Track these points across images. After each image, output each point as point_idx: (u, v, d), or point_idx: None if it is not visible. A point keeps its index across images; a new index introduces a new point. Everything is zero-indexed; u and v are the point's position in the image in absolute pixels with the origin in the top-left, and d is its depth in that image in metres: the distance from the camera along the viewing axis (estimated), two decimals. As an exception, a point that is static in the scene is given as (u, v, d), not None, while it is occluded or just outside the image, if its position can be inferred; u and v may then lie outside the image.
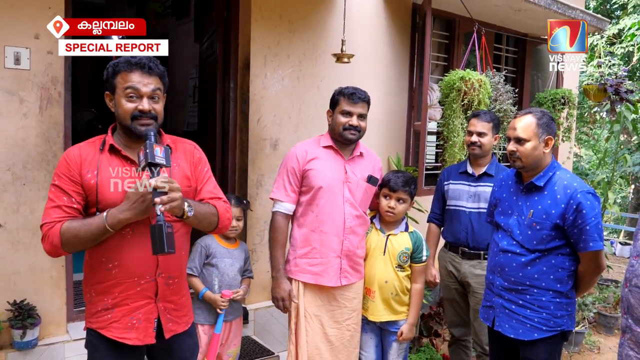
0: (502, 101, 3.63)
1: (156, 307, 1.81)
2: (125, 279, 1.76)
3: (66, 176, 1.72)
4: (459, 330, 3.12)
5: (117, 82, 1.74)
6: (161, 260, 1.78)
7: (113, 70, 1.75)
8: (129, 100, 1.72)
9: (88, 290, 1.82)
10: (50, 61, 2.69)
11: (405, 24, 4.15)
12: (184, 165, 1.87)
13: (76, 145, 1.81)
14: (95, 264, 1.77)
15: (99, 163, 1.74)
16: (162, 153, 1.61)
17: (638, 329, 1.81)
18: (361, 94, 2.47)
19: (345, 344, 2.55)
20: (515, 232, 2.26)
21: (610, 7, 11.76)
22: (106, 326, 1.78)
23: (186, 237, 1.89)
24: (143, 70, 1.73)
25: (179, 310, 1.89)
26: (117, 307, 1.77)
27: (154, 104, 1.74)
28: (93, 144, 1.80)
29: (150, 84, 1.73)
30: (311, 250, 2.48)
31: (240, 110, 3.44)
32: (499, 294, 2.31)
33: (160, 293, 1.82)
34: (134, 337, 1.78)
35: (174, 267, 1.84)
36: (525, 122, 2.24)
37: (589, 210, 2.11)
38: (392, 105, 4.15)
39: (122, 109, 1.73)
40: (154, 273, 1.79)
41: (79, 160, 1.74)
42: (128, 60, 1.73)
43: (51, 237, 1.68)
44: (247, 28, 3.34)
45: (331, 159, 2.50)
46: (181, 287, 1.91)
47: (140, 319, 1.78)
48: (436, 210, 3.12)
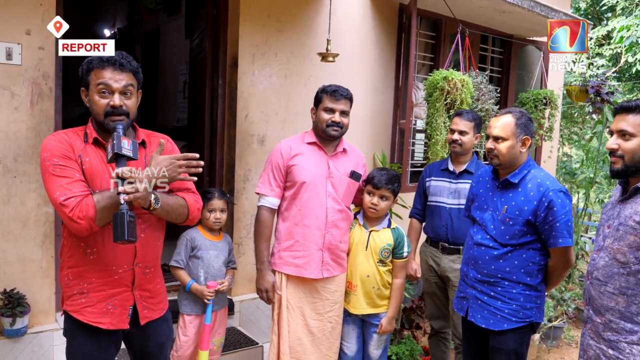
0: (484, 101, 3.72)
1: (132, 295, 1.88)
2: (103, 266, 1.81)
3: (64, 156, 1.72)
4: (438, 323, 3.22)
5: (91, 78, 1.78)
6: (139, 250, 1.85)
7: (87, 68, 1.79)
8: (101, 96, 1.76)
9: (65, 273, 1.86)
10: (41, 57, 2.74)
11: (392, 24, 4.23)
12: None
13: (58, 131, 1.84)
14: (74, 247, 1.81)
15: (89, 152, 1.78)
16: (129, 145, 1.65)
17: (597, 319, 1.92)
18: (343, 91, 2.55)
19: (326, 335, 2.63)
20: (489, 226, 2.36)
21: (600, 9, 11.89)
22: (80, 309, 1.82)
23: (161, 229, 1.95)
24: (115, 66, 1.77)
25: (153, 298, 1.97)
26: (93, 292, 1.82)
27: (125, 99, 1.78)
28: (76, 134, 1.82)
29: (122, 80, 1.77)
30: (294, 244, 2.56)
31: (229, 107, 3.51)
32: (472, 286, 2.41)
33: (137, 282, 1.88)
34: (107, 322, 1.84)
35: (151, 257, 1.91)
36: (504, 122, 2.32)
37: (560, 208, 2.20)
38: (379, 103, 4.23)
39: (95, 105, 1.77)
40: (132, 262, 1.85)
41: (69, 144, 1.76)
42: (100, 57, 1.78)
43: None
44: (236, 26, 3.41)
45: (314, 155, 2.58)
46: (156, 275, 1.98)
47: (116, 305, 1.85)
48: (418, 206, 3.21)
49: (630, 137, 1.83)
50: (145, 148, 1.92)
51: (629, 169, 1.85)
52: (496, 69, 5.15)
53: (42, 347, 2.80)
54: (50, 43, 2.76)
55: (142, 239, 1.84)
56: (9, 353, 2.71)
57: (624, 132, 1.84)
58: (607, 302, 1.87)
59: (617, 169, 1.87)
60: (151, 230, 1.89)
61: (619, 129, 1.86)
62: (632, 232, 1.80)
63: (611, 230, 1.90)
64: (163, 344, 2.04)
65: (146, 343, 1.99)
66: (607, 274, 1.88)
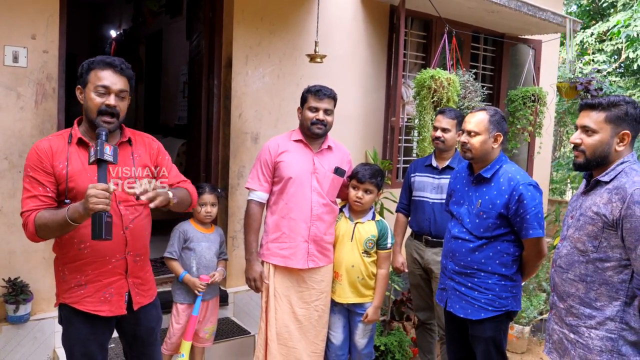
0: (470, 99, 3.83)
1: (127, 282, 2.02)
2: (97, 258, 1.93)
3: (39, 167, 1.87)
4: (424, 314, 3.31)
5: (90, 77, 1.90)
6: (129, 240, 1.98)
7: (88, 67, 1.92)
8: (98, 95, 1.88)
9: (60, 268, 1.98)
10: (45, 59, 2.90)
11: (383, 24, 4.35)
12: (144, 156, 2.07)
13: (45, 138, 1.97)
14: (66, 244, 1.93)
15: (69, 154, 1.90)
16: (111, 151, 1.76)
17: (561, 305, 2.02)
18: (326, 90, 2.67)
19: (313, 324, 2.75)
20: (465, 220, 2.46)
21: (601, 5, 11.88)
22: (79, 301, 1.95)
23: (148, 219, 2.10)
24: (115, 70, 1.91)
25: (144, 285, 2.11)
26: (90, 284, 1.95)
27: (119, 101, 1.91)
28: (61, 137, 1.95)
29: (119, 83, 1.91)
30: (281, 235, 2.69)
31: (223, 106, 3.66)
32: (450, 277, 2.51)
33: (130, 270, 2.02)
34: (106, 310, 1.97)
35: (140, 246, 2.05)
36: (478, 118, 2.44)
37: (530, 201, 2.30)
38: (370, 101, 4.36)
39: (91, 103, 1.89)
40: (124, 252, 1.98)
41: (49, 152, 1.88)
42: (103, 59, 1.92)
43: (28, 225, 1.84)
44: (230, 29, 3.55)
45: (300, 152, 2.71)
46: (145, 264, 2.13)
47: (113, 293, 1.98)
48: (404, 200, 3.32)
49: (592, 133, 1.92)
50: (131, 146, 2.04)
51: (590, 163, 1.94)
52: (489, 67, 5.25)
53: (44, 333, 2.97)
54: (54, 47, 2.92)
55: (131, 229, 1.99)
56: (13, 338, 2.87)
57: (587, 128, 1.93)
58: (569, 289, 1.97)
59: (579, 163, 1.97)
60: (139, 221, 2.02)
61: (582, 125, 1.95)
62: (590, 222, 1.90)
63: (574, 220, 2.00)
64: (153, 328, 2.17)
65: (137, 327, 2.12)
66: (569, 261, 1.98)
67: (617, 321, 1.85)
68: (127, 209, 1.98)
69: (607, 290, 1.87)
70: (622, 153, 1.92)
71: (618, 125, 1.90)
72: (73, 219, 1.75)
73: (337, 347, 2.87)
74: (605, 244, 1.87)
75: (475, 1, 3.96)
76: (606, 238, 1.86)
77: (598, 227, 1.87)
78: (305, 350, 2.73)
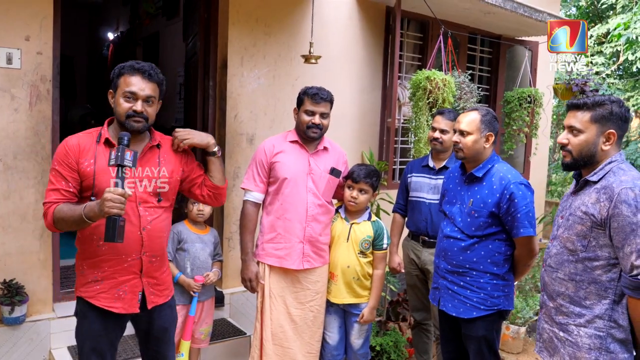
0: (466, 99, 3.84)
1: (141, 282, 2.07)
2: (113, 256, 2.00)
3: (65, 162, 1.96)
4: (420, 315, 3.31)
5: (120, 82, 1.99)
6: (145, 241, 2.03)
7: (118, 72, 2.00)
8: (126, 100, 1.97)
9: (80, 263, 2.06)
10: (39, 61, 2.90)
11: (379, 26, 4.36)
12: (171, 159, 2.14)
13: (75, 135, 2.04)
14: (86, 240, 2.01)
15: (96, 153, 1.98)
16: (130, 157, 1.84)
17: (550, 304, 2.04)
18: (324, 94, 2.67)
19: (308, 324, 2.75)
20: (457, 219, 2.48)
21: (600, 7, 11.92)
22: (95, 296, 2.02)
23: (167, 222, 2.16)
24: (143, 75, 1.98)
25: (160, 285, 2.15)
26: (106, 280, 2.02)
27: (147, 107, 1.99)
28: (90, 135, 2.04)
29: (146, 89, 1.98)
30: (276, 236, 2.69)
31: (219, 107, 3.66)
32: (443, 276, 2.52)
33: (145, 269, 2.07)
34: (119, 307, 2.03)
35: (157, 247, 2.10)
36: (470, 118, 2.45)
37: (521, 200, 2.31)
38: (366, 102, 4.36)
39: (120, 107, 1.98)
40: (139, 252, 2.04)
41: (77, 149, 1.97)
42: (132, 65, 1.99)
43: (47, 216, 1.95)
44: (225, 30, 3.56)
45: (296, 153, 2.72)
46: (162, 264, 2.18)
47: (126, 291, 2.04)
48: (400, 201, 3.32)
49: (578, 133, 1.94)
50: (159, 149, 2.12)
51: (577, 162, 1.96)
52: (485, 68, 5.26)
53: (40, 334, 2.96)
54: (48, 48, 2.93)
55: (148, 231, 2.04)
56: (8, 340, 2.87)
57: (573, 128, 1.95)
58: (559, 288, 1.99)
59: (567, 163, 2.00)
60: (157, 223, 2.07)
61: (568, 125, 1.97)
62: (579, 221, 1.91)
63: (563, 220, 2.02)
64: (167, 329, 2.22)
65: (151, 326, 2.17)
66: (558, 261, 2.00)
67: (606, 319, 1.87)
68: (147, 210, 2.04)
69: (596, 289, 1.89)
70: (609, 152, 1.93)
71: (603, 124, 1.91)
72: (88, 217, 1.83)
73: (333, 347, 2.87)
74: (594, 243, 1.88)
75: (471, 2, 3.97)
76: (595, 237, 1.88)
77: (587, 227, 1.89)
78: (301, 351, 2.73)
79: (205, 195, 2.25)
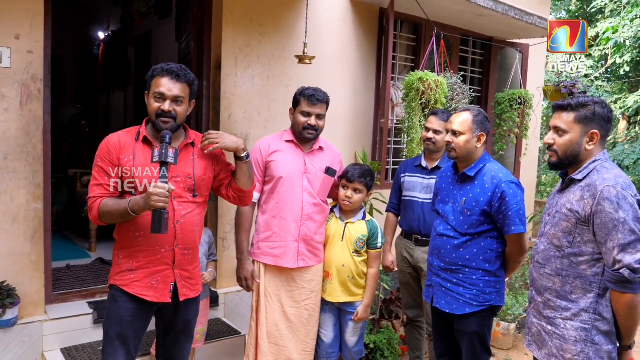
0: (458, 100, 3.88)
1: (173, 273, 2.16)
2: (148, 247, 2.11)
3: (107, 159, 2.08)
4: (413, 312, 3.34)
5: (152, 84, 2.10)
6: (178, 234, 2.13)
7: (151, 75, 2.11)
8: (156, 101, 2.08)
9: (117, 253, 2.17)
10: (30, 60, 2.88)
11: (372, 27, 4.38)
12: (205, 157, 2.22)
13: (116, 133, 2.17)
14: (124, 231, 2.13)
15: (135, 150, 2.10)
16: (173, 154, 1.97)
17: (539, 299, 2.10)
18: (320, 95, 2.68)
19: (303, 323, 2.76)
20: (450, 218, 2.51)
21: (590, 11, 12.09)
22: (129, 284, 2.12)
23: (200, 217, 2.24)
24: (172, 76, 2.07)
25: (192, 279, 2.25)
26: (141, 270, 2.12)
27: (176, 106, 2.08)
28: (130, 133, 2.16)
29: (175, 89, 2.07)
30: (272, 235, 2.70)
31: (213, 107, 3.66)
32: (436, 274, 2.55)
33: (177, 261, 2.17)
34: (152, 295, 2.13)
35: (189, 240, 2.19)
36: (462, 118, 2.49)
37: (512, 198, 2.35)
38: (359, 103, 4.38)
39: (150, 108, 2.10)
40: (173, 244, 2.13)
41: (118, 146, 2.09)
42: (162, 67, 2.09)
43: (93, 210, 2.06)
44: (219, 30, 3.56)
45: (292, 152, 2.72)
46: (195, 258, 2.27)
47: (159, 281, 2.14)
48: (394, 200, 3.34)
49: (563, 134, 2.00)
50: (193, 147, 2.21)
51: (563, 162, 2.02)
52: (477, 70, 5.30)
53: (32, 337, 2.94)
54: (39, 47, 2.90)
55: (181, 224, 2.13)
56: (0, 343, 2.84)
57: (558, 128, 2.01)
58: (546, 283, 2.05)
59: (553, 162, 2.06)
60: (190, 217, 2.16)
61: (554, 126, 2.03)
62: (565, 219, 1.97)
63: (550, 218, 2.07)
64: (189, 322, 2.32)
65: (176, 318, 2.26)
66: (546, 257, 2.06)
67: (591, 312, 1.93)
68: (181, 204, 2.13)
69: (581, 283, 1.95)
70: (592, 152, 1.98)
71: (587, 124, 1.97)
72: (133, 211, 1.97)
73: (328, 345, 2.89)
74: (579, 239, 1.94)
75: (463, 4, 4.01)
76: (580, 234, 1.93)
77: (572, 224, 1.95)
78: (296, 349, 2.73)
79: (231, 196, 2.34)
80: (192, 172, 2.16)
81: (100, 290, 3.43)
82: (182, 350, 2.34)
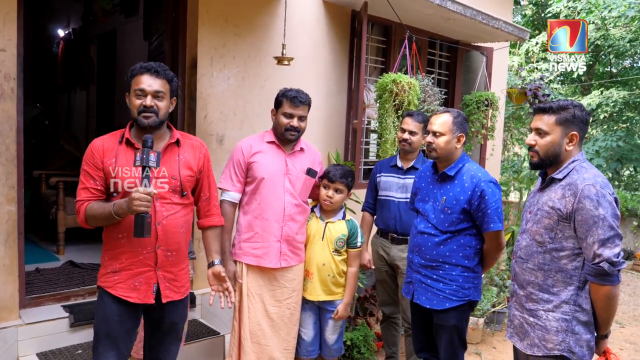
0: (430, 102, 4.00)
1: (156, 275, 2.17)
2: (130, 248, 2.13)
3: (91, 162, 2.12)
4: (389, 309, 3.43)
5: (132, 83, 2.13)
6: (160, 235, 2.14)
7: (130, 74, 2.15)
8: (137, 97, 2.11)
9: (103, 255, 2.20)
10: (3, 58, 2.79)
11: (345, 29, 4.45)
12: (190, 158, 2.25)
13: (100, 137, 2.20)
14: (109, 233, 2.16)
15: (117, 152, 2.13)
16: (154, 158, 2.00)
17: (521, 292, 2.20)
18: (302, 97, 2.72)
19: (285, 321, 2.79)
20: (430, 216, 2.60)
21: (544, 16, 12.59)
22: (112, 285, 2.15)
23: (186, 218, 2.25)
24: (151, 72, 2.11)
25: (177, 281, 2.25)
26: (124, 271, 2.14)
27: (157, 101, 2.11)
28: (114, 136, 2.19)
29: (154, 84, 2.11)
30: (254, 235, 2.73)
31: (188, 107, 3.64)
32: (417, 271, 2.64)
33: (160, 263, 2.18)
34: (135, 297, 2.15)
35: (172, 242, 2.19)
36: (442, 119, 2.59)
37: (490, 197, 2.47)
38: (333, 104, 4.45)
39: (132, 105, 2.13)
40: (154, 245, 2.15)
41: (101, 149, 2.13)
42: (141, 65, 2.13)
43: (80, 214, 2.11)
44: (195, 30, 3.54)
45: (273, 153, 2.76)
46: (180, 260, 2.26)
47: (142, 282, 2.15)
48: (370, 200, 3.42)
49: (545, 135, 2.11)
50: (178, 147, 2.23)
51: (544, 162, 2.13)
52: (444, 72, 5.47)
53: (7, 342, 2.85)
54: (12, 45, 2.82)
55: (163, 225, 2.15)
56: (-27, 348, 2.76)
57: (540, 130, 2.12)
58: (528, 277, 2.16)
59: (534, 162, 2.17)
60: (173, 219, 2.18)
61: (535, 127, 2.14)
62: (546, 216, 2.08)
63: (531, 215, 2.18)
64: (176, 324, 2.32)
65: (161, 319, 2.27)
66: (528, 252, 2.16)
67: (571, 304, 2.04)
68: (163, 205, 2.15)
69: (562, 276, 2.06)
70: (572, 152, 2.10)
71: (567, 126, 2.08)
72: (118, 214, 2.02)
73: (308, 343, 2.93)
74: (560, 235, 2.05)
75: (433, 8, 4.13)
76: (561, 230, 2.04)
77: (554, 220, 2.06)
78: (278, 348, 2.77)
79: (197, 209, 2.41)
80: (177, 173, 2.17)
81: (74, 294, 3.36)
82: (168, 352, 2.34)
